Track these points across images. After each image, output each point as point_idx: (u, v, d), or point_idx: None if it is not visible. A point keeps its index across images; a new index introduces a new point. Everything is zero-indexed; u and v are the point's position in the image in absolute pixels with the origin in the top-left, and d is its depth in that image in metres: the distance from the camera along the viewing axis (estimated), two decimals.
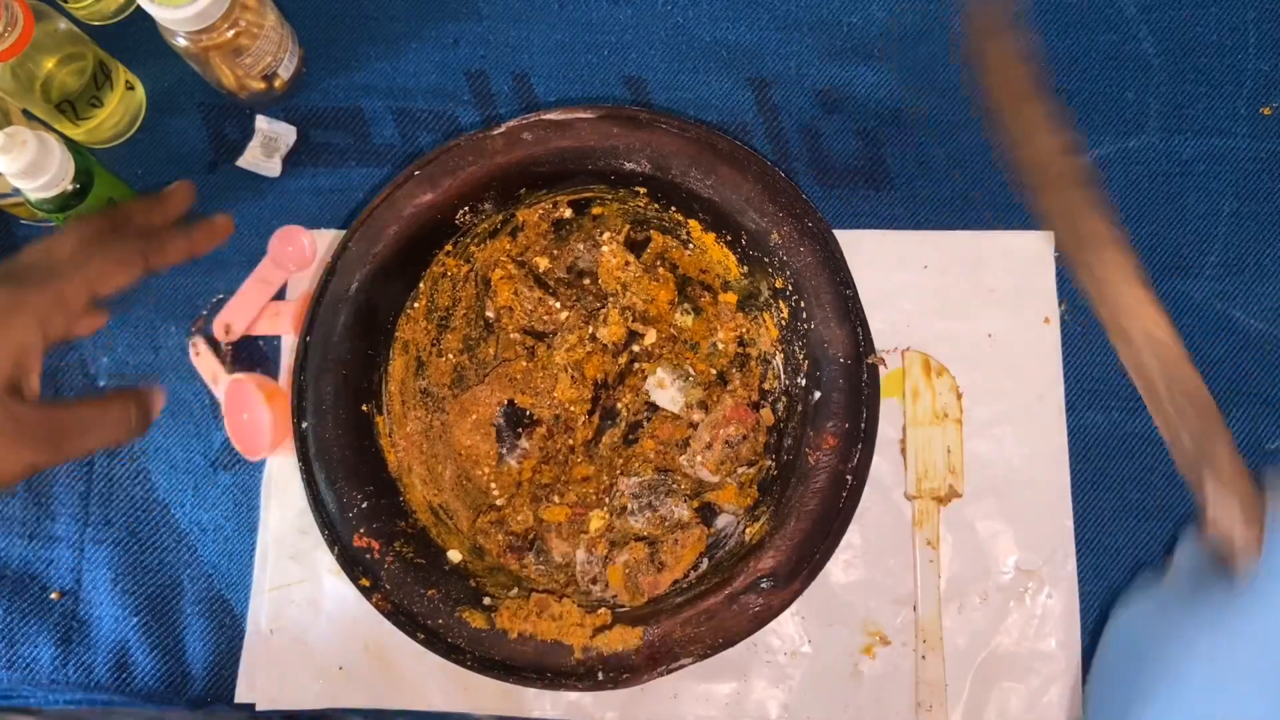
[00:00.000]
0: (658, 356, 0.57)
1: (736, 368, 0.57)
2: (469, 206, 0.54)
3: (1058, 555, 0.56)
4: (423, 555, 0.52)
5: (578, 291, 0.58)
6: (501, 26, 0.64)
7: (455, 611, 0.50)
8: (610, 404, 0.57)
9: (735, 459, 0.55)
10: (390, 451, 0.54)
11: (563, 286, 0.58)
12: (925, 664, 0.55)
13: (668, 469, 0.56)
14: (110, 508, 0.59)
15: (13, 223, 0.61)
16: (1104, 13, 0.63)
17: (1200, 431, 0.43)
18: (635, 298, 0.56)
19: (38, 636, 0.57)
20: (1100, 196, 0.47)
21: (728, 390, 0.56)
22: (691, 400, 0.56)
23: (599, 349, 0.57)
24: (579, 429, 0.57)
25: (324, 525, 0.51)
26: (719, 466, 0.55)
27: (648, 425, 0.57)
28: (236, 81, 0.59)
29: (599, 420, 0.57)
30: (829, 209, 0.61)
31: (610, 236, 0.57)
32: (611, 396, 0.57)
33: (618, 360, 0.57)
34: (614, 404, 0.57)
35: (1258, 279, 0.59)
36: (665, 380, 0.56)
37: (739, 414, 0.55)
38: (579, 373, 0.56)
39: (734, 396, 0.55)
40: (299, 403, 0.52)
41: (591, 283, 0.58)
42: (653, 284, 0.57)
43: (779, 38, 0.63)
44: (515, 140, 0.53)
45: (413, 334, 0.57)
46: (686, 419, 0.56)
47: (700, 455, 0.55)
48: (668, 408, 0.57)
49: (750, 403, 0.56)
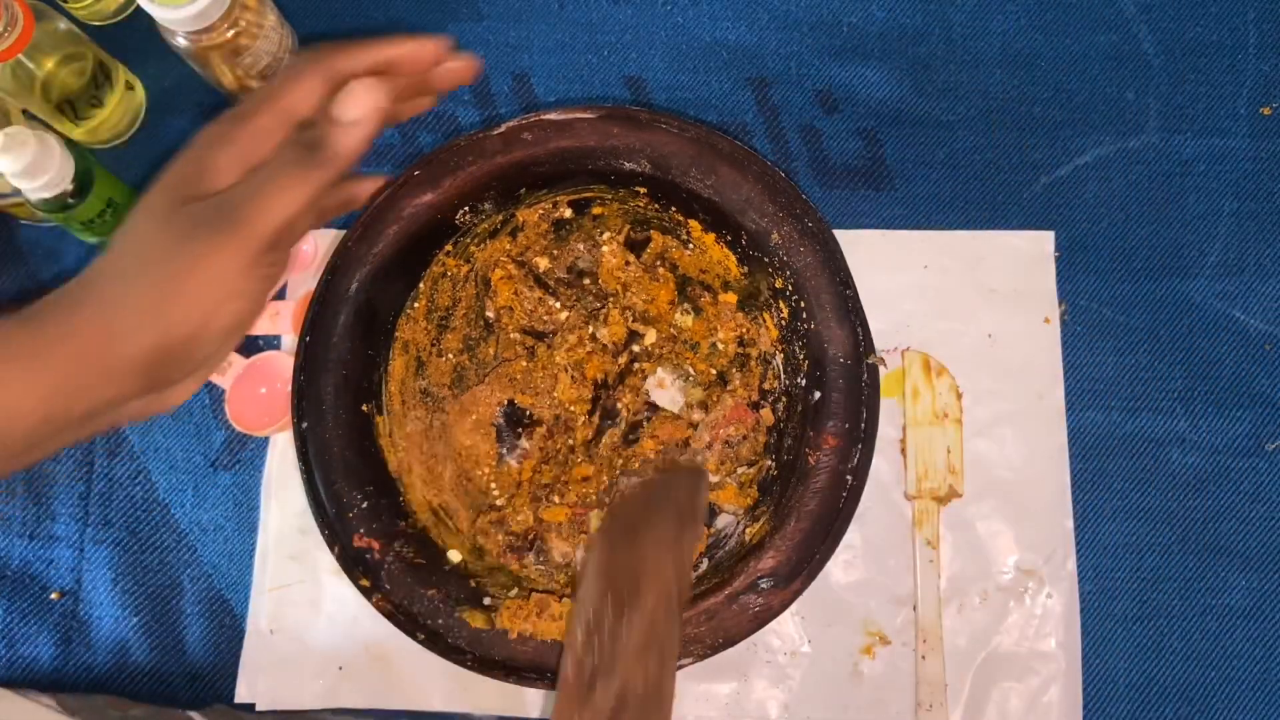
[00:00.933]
0: (658, 356, 0.57)
1: (736, 368, 0.57)
2: (469, 206, 0.54)
3: (1058, 555, 0.56)
4: (423, 555, 0.52)
5: (578, 291, 0.58)
6: (501, 26, 0.64)
7: (455, 612, 0.50)
8: (610, 404, 0.57)
9: (735, 459, 0.55)
10: (390, 452, 0.54)
11: (563, 286, 0.58)
12: (925, 664, 0.55)
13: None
14: (110, 508, 0.59)
15: (13, 223, 0.61)
16: (1104, 13, 0.63)
17: None
18: (635, 298, 0.56)
19: (38, 636, 0.57)
20: None
21: (728, 390, 0.56)
22: (691, 400, 0.56)
23: (599, 349, 0.57)
24: (579, 429, 0.57)
25: (324, 525, 0.51)
26: (719, 466, 0.55)
27: (648, 425, 0.57)
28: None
29: (599, 420, 0.57)
30: (829, 209, 0.61)
31: (610, 236, 0.57)
32: (612, 396, 0.57)
33: (618, 360, 0.57)
34: (614, 404, 0.57)
35: (1258, 279, 0.59)
36: (665, 380, 0.56)
37: (739, 414, 0.55)
38: (579, 373, 0.56)
39: (734, 397, 0.55)
40: (299, 403, 0.52)
41: (591, 283, 0.58)
42: (653, 284, 0.57)
43: (779, 38, 0.63)
44: (515, 140, 0.53)
45: (413, 334, 0.57)
46: (686, 419, 0.56)
47: (700, 455, 0.55)
48: (668, 408, 0.57)
49: (750, 403, 0.56)
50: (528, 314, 0.57)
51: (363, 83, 0.39)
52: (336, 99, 0.39)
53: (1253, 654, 0.56)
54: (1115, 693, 0.55)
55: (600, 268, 0.57)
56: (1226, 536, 0.57)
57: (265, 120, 0.39)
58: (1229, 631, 0.56)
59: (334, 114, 0.39)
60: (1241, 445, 0.58)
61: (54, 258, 0.61)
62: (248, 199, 0.38)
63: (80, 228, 0.57)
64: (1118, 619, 0.56)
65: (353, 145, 0.39)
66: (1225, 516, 0.57)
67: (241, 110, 0.39)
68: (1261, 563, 0.56)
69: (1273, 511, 0.57)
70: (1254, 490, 0.57)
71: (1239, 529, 0.57)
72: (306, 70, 0.40)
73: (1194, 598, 0.56)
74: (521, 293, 0.57)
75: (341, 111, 0.38)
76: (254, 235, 0.38)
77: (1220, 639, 0.56)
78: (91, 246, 0.60)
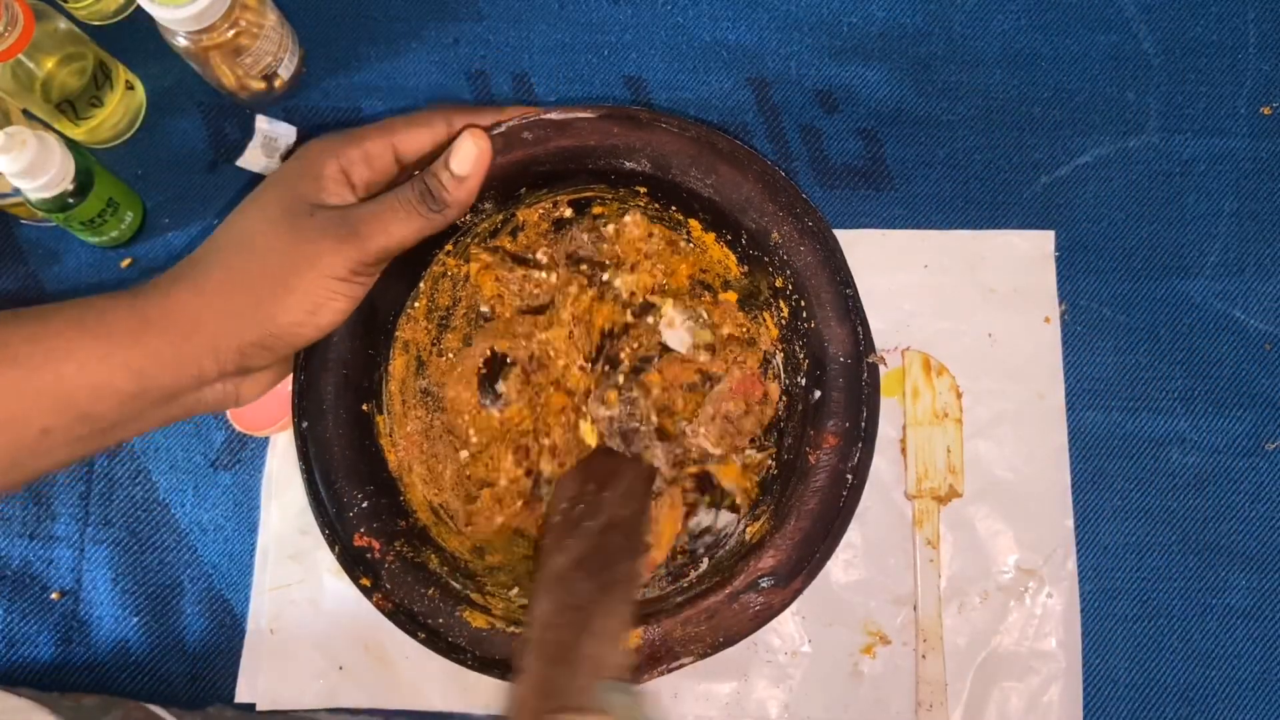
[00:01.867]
0: (673, 292, 0.57)
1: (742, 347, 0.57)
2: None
3: (1058, 555, 0.56)
4: (423, 554, 0.52)
5: (570, 270, 0.58)
6: (501, 26, 0.64)
7: (456, 611, 0.50)
8: (614, 352, 0.57)
9: (738, 433, 0.55)
10: (390, 451, 0.54)
11: (554, 266, 0.58)
12: (925, 663, 0.55)
13: (666, 432, 0.56)
14: (110, 508, 0.59)
15: (13, 223, 0.61)
16: (1104, 13, 0.63)
17: None
18: (655, 270, 0.56)
19: (38, 636, 0.57)
20: None
21: (736, 362, 0.56)
22: (700, 342, 0.56)
23: (612, 298, 0.57)
24: (578, 378, 0.57)
25: (324, 524, 0.51)
26: (720, 440, 0.55)
27: (657, 362, 0.57)
28: (236, 81, 0.59)
29: (603, 368, 0.57)
30: (829, 209, 0.61)
31: (635, 208, 0.57)
32: (616, 346, 0.57)
33: (626, 311, 0.57)
34: (618, 353, 0.57)
35: (1258, 279, 0.59)
36: (676, 320, 0.56)
37: (745, 386, 0.55)
38: (586, 324, 0.56)
39: (742, 369, 0.55)
40: (300, 402, 0.52)
41: (589, 268, 0.58)
42: (674, 257, 0.57)
43: (779, 38, 0.64)
44: (515, 140, 0.53)
45: (413, 333, 0.57)
46: (694, 361, 0.56)
47: (704, 427, 0.55)
48: (676, 348, 0.56)
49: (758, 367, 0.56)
50: (517, 294, 0.57)
51: (474, 134, 0.45)
52: (452, 150, 0.45)
53: (1253, 654, 0.56)
54: (1115, 692, 0.55)
55: (620, 240, 0.57)
56: (1226, 536, 0.57)
57: (376, 147, 0.45)
58: (1229, 631, 0.56)
59: (452, 168, 0.45)
60: (1241, 445, 0.58)
61: (54, 258, 0.61)
62: (370, 219, 0.43)
63: (80, 228, 0.57)
64: (1118, 619, 0.56)
65: (463, 198, 0.46)
66: (1225, 516, 0.57)
67: (356, 132, 0.45)
68: (1261, 563, 0.56)
69: (1273, 511, 0.57)
70: (1254, 490, 0.57)
71: (1239, 529, 0.57)
72: (427, 117, 0.46)
73: (1194, 597, 0.56)
74: (503, 277, 0.57)
75: (458, 166, 0.45)
76: (367, 249, 0.43)
77: (1220, 639, 0.56)
78: (92, 246, 0.60)
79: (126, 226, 0.59)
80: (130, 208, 0.59)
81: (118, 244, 0.60)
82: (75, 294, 0.61)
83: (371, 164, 0.45)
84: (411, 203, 0.44)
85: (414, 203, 0.44)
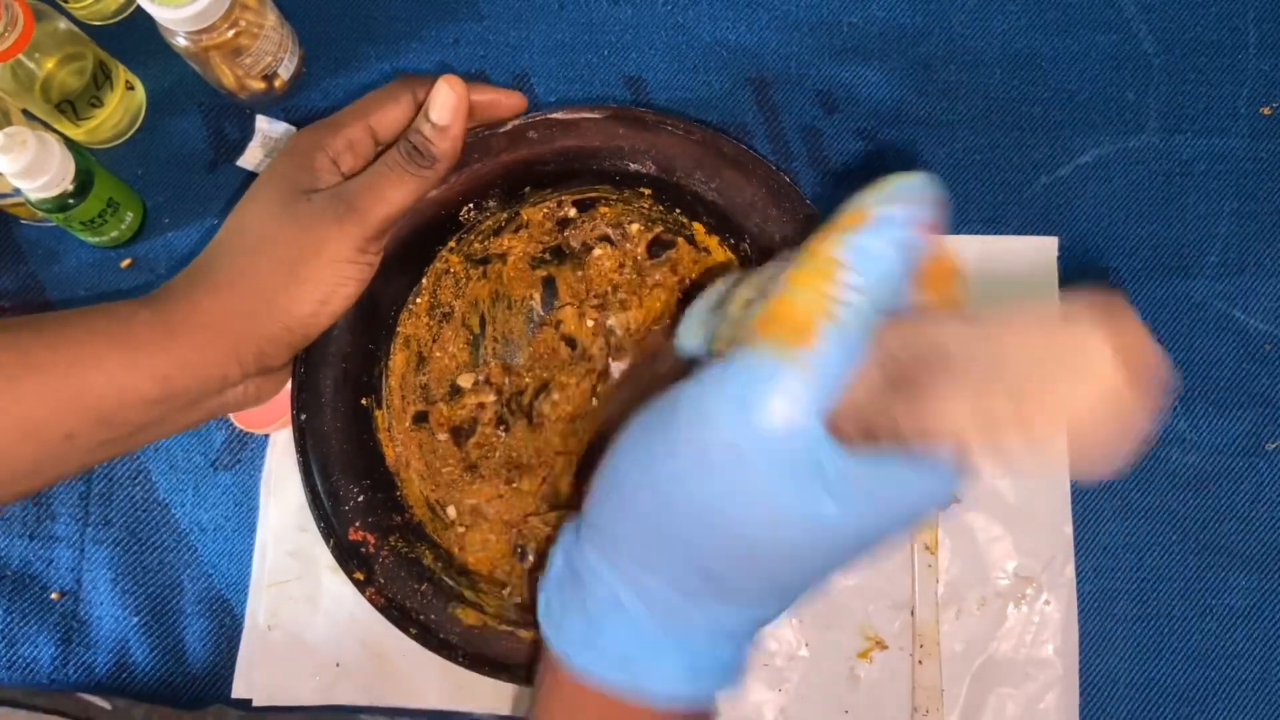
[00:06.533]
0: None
1: None
2: (474, 203, 0.54)
3: (1056, 561, 0.56)
4: (417, 550, 0.52)
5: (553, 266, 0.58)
6: (501, 26, 0.64)
7: (448, 608, 0.51)
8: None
9: None
10: (388, 446, 0.54)
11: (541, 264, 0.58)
12: (922, 669, 0.55)
13: None
14: (110, 508, 0.59)
15: (13, 223, 0.62)
16: (1104, 13, 0.63)
17: None
18: (625, 308, 0.56)
19: (38, 636, 0.57)
20: None
21: None
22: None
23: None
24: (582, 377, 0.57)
25: (320, 517, 0.51)
26: None
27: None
28: (236, 81, 0.59)
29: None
30: (829, 209, 0.60)
31: (639, 230, 0.57)
32: None
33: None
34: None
35: (1258, 279, 0.59)
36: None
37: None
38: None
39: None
40: (299, 395, 0.52)
41: (573, 269, 0.57)
42: (646, 293, 0.56)
43: (779, 38, 0.63)
44: (520, 138, 0.53)
45: (414, 329, 0.57)
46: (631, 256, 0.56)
47: None
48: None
49: None
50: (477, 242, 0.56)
51: (448, 81, 0.45)
52: (429, 101, 0.45)
53: (1253, 654, 0.56)
54: (1115, 693, 0.55)
55: (589, 266, 0.57)
56: (1226, 536, 0.57)
57: (355, 133, 0.46)
58: (1229, 632, 0.56)
59: (432, 119, 0.45)
60: (1241, 445, 0.57)
61: (54, 258, 0.61)
62: (364, 191, 0.44)
63: (80, 228, 0.57)
64: (1118, 619, 0.56)
65: (448, 148, 0.45)
66: (1225, 516, 0.57)
67: (334, 120, 0.46)
68: (1261, 563, 0.56)
69: (1273, 511, 0.57)
70: (1254, 490, 0.57)
71: (1239, 529, 0.57)
72: (394, 91, 0.47)
73: (1194, 598, 0.56)
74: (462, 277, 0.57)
75: (437, 115, 0.45)
76: (367, 223, 0.44)
77: (1220, 639, 0.56)
78: (92, 246, 0.60)
79: (127, 226, 0.59)
80: (130, 208, 0.59)
81: (118, 244, 0.60)
82: (75, 294, 0.61)
83: (355, 150, 0.46)
84: (401, 164, 0.45)
85: (403, 164, 0.45)
